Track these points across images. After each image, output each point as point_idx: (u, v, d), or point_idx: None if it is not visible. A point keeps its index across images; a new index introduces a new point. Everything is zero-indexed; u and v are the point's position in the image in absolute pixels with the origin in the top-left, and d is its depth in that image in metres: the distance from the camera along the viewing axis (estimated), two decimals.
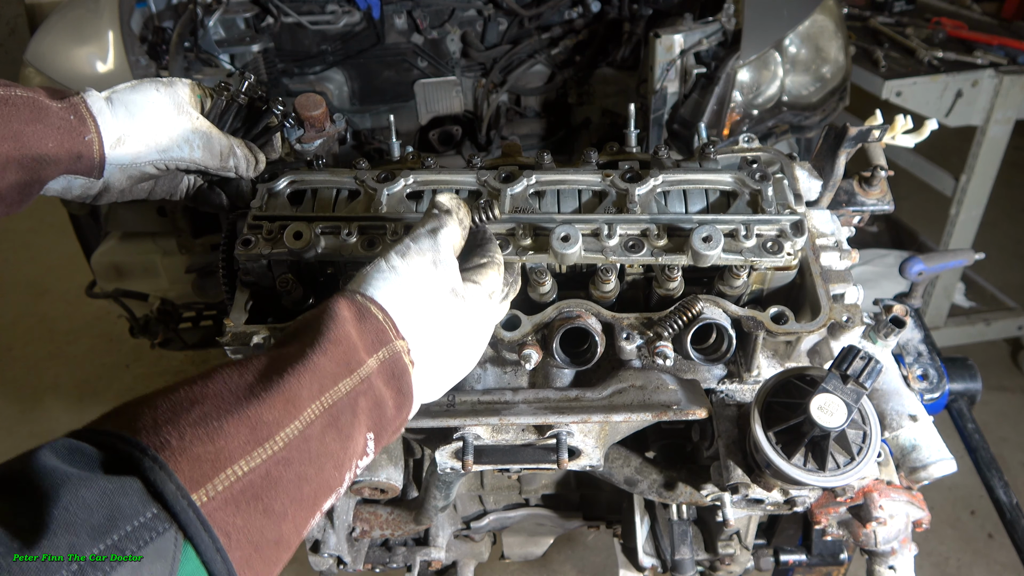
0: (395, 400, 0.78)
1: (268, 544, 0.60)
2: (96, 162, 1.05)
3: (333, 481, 0.69)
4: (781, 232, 1.17)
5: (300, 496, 0.64)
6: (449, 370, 0.90)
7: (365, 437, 0.74)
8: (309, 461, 0.65)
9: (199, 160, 1.15)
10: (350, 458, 0.72)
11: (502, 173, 1.28)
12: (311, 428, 0.66)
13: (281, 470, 0.62)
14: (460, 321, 0.88)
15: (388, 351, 0.78)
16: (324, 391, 0.69)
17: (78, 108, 1.04)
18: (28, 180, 0.99)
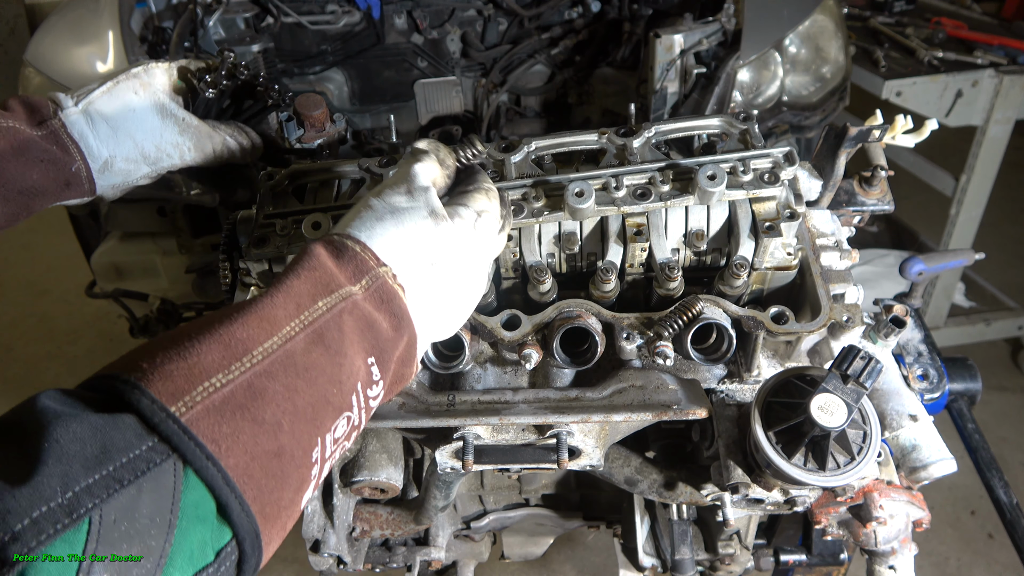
0: (390, 322, 0.76)
1: (266, 455, 0.59)
2: (86, 187, 1.02)
3: (333, 397, 0.67)
4: (775, 163, 1.19)
5: (294, 407, 0.63)
6: (450, 299, 0.87)
7: (365, 361, 0.72)
8: (296, 374, 0.64)
9: (191, 162, 1.11)
10: (350, 378, 0.70)
11: (502, 144, 1.29)
12: (293, 343, 0.65)
13: (265, 381, 0.61)
14: (449, 244, 0.85)
15: (371, 278, 0.76)
16: (302, 309, 0.68)
17: (59, 136, 0.99)
18: (17, 211, 0.96)
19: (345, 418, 0.69)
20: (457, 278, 0.87)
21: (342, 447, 0.71)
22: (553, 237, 1.25)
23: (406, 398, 1.19)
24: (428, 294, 0.83)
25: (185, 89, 1.12)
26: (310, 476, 0.65)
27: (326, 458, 0.67)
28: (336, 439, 0.68)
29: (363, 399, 0.72)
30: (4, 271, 4.80)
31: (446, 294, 0.86)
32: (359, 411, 0.71)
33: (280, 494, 0.61)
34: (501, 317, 1.19)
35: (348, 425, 0.70)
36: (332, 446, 0.68)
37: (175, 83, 1.11)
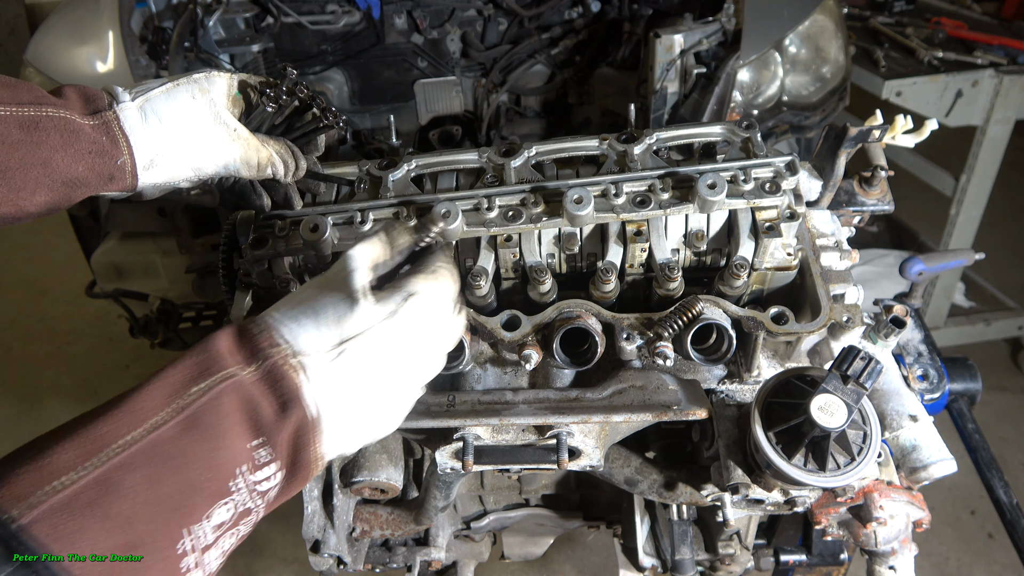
0: (274, 403, 0.73)
1: (118, 547, 0.59)
2: (128, 183, 1.02)
3: (207, 483, 0.66)
4: (776, 173, 1.18)
5: (155, 498, 0.62)
6: (374, 385, 0.82)
7: (248, 444, 0.70)
8: (162, 463, 0.64)
9: (234, 172, 1.10)
10: (227, 463, 0.68)
11: (502, 148, 1.29)
12: (160, 432, 0.65)
13: (122, 475, 0.61)
14: (365, 326, 0.80)
15: (263, 358, 0.74)
16: (174, 397, 0.68)
17: (111, 127, 0.98)
18: (58, 200, 0.97)
19: (227, 505, 0.68)
20: (380, 363, 0.82)
21: (235, 534, 0.69)
22: (553, 238, 1.25)
23: None
24: (341, 378, 0.78)
25: (242, 101, 1.13)
26: (178, 567, 0.64)
27: (206, 546, 0.66)
28: (218, 526, 0.67)
29: (250, 485, 0.70)
30: (4, 271, 4.80)
31: (367, 379, 0.81)
32: (248, 497, 0.70)
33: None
34: (501, 318, 1.19)
35: (233, 511, 0.69)
36: (212, 533, 0.67)
37: (233, 94, 1.11)
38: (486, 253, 1.23)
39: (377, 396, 0.83)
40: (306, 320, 0.79)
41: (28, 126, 0.92)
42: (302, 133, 1.20)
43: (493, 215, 1.19)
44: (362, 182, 1.29)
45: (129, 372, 3.97)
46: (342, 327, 0.79)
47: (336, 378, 0.78)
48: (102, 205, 2.16)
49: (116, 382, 3.91)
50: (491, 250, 1.23)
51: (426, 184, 1.31)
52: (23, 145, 0.91)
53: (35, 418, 3.74)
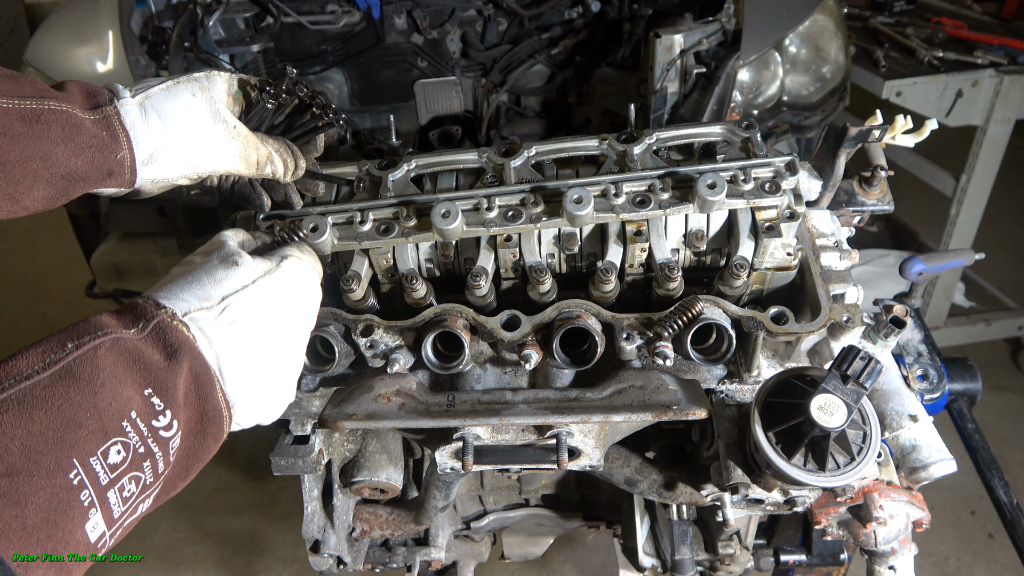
0: (162, 352, 0.76)
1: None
2: (127, 178, 1.02)
3: (87, 421, 0.67)
4: (776, 173, 1.18)
5: (27, 432, 0.63)
6: (264, 341, 0.87)
7: (140, 393, 0.72)
8: (32, 405, 0.65)
9: (233, 170, 1.11)
10: (111, 405, 0.69)
11: (502, 148, 1.29)
12: (32, 382, 0.66)
13: None
14: (245, 283, 0.88)
15: (147, 320, 0.78)
16: (47, 355, 0.69)
17: (111, 122, 1.00)
18: (56, 195, 0.98)
19: (118, 444, 0.68)
20: (266, 313, 0.88)
21: (137, 480, 0.70)
22: (553, 238, 1.25)
23: (406, 399, 1.19)
24: (232, 330, 0.83)
25: (242, 100, 1.14)
26: (74, 499, 0.64)
27: (103, 484, 0.66)
28: (112, 466, 0.67)
29: (144, 430, 0.71)
30: (4, 271, 4.80)
31: (257, 329, 0.86)
32: (143, 441, 0.70)
33: (20, 512, 0.60)
34: (501, 317, 1.19)
35: (128, 453, 0.69)
36: (107, 473, 0.67)
37: (233, 92, 1.12)
38: (486, 253, 1.23)
39: (269, 342, 0.89)
40: (188, 284, 0.85)
41: (29, 119, 0.92)
42: (302, 132, 1.20)
43: (493, 215, 1.19)
44: (361, 182, 1.29)
45: None
46: (223, 286, 0.86)
47: (226, 329, 0.83)
48: (102, 205, 2.16)
49: None
50: (491, 250, 1.23)
51: (426, 184, 1.31)
52: (24, 138, 0.91)
53: None
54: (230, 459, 3.44)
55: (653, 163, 1.26)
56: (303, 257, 1.00)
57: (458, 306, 1.20)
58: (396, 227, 1.21)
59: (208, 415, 0.80)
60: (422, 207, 1.22)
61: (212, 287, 0.86)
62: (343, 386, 1.26)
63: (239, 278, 0.88)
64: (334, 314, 1.22)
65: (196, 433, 0.79)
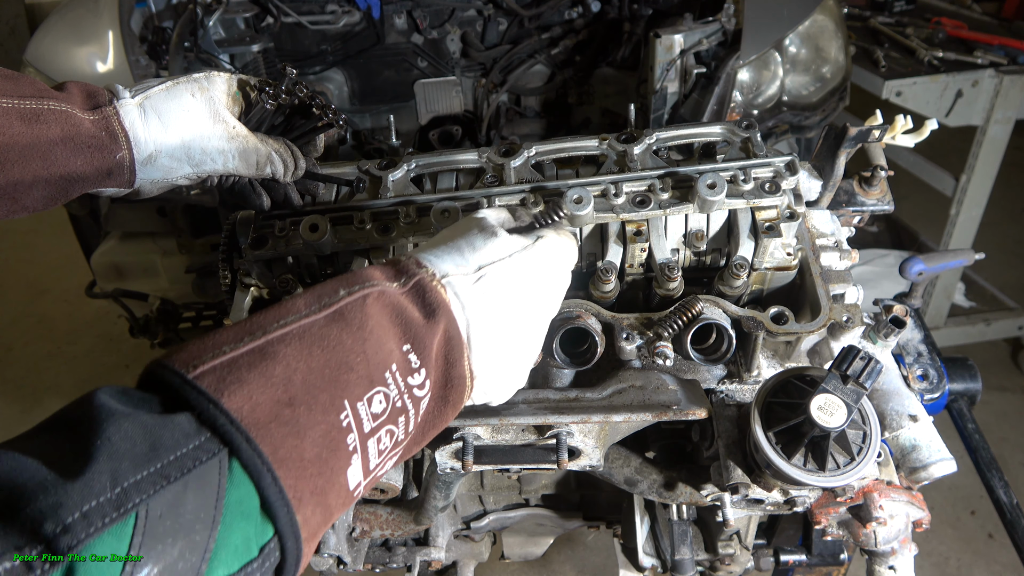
0: (421, 310, 0.77)
1: (276, 403, 0.61)
2: (126, 178, 1.03)
3: (357, 365, 0.68)
4: (776, 173, 1.18)
5: (307, 367, 0.64)
6: (508, 312, 0.86)
7: (400, 347, 0.72)
8: (312, 342, 0.66)
9: (233, 170, 1.11)
10: (377, 354, 0.70)
11: (502, 148, 1.29)
12: (309, 319, 0.67)
13: (276, 346, 0.63)
14: (500, 255, 0.87)
15: (408, 276, 0.79)
16: (323, 298, 0.71)
17: (110, 122, 1.00)
18: (55, 195, 0.98)
19: (381, 394, 0.68)
20: (518, 288, 0.87)
21: (391, 434, 0.70)
22: None
23: None
24: (484, 298, 0.83)
25: (241, 100, 1.14)
26: (343, 440, 0.64)
27: (365, 432, 0.67)
28: (375, 415, 0.68)
29: (402, 385, 0.71)
30: (4, 271, 4.80)
31: (507, 302, 0.85)
32: (400, 396, 0.71)
33: (299, 443, 0.60)
34: None
35: (388, 404, 0.69)
36: (370, 421, 0.67)
37: (232, 93, 1.12)
38: None
39: (517, 319, 0.87)
40: (448, 250, 0.85)
41: (29, 119, 0.92)
42: (301, 132, 1.20)
43: None
44: (361, 182, 1.29)
45: (129, 372, 3.97)
46: (480, 254, 0.86)
47: (480, 297, 0.83)
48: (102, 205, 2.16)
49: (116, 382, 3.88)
50: None
51: (426, 184, 1.31)
52: (23, 137, 0.92)
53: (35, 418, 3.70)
54: None
55: (653, 163, 1.26)
56: (559, 238, 0.96)
57: None
58: (396, 227, 1.21)
59: (453, 381, 0.79)
60: (422, 207, 1.22)
61: (471, 255, 0.85)
62: None
63: (497, 249, 0.87)
64: None
65: (439, 399, 0.78)
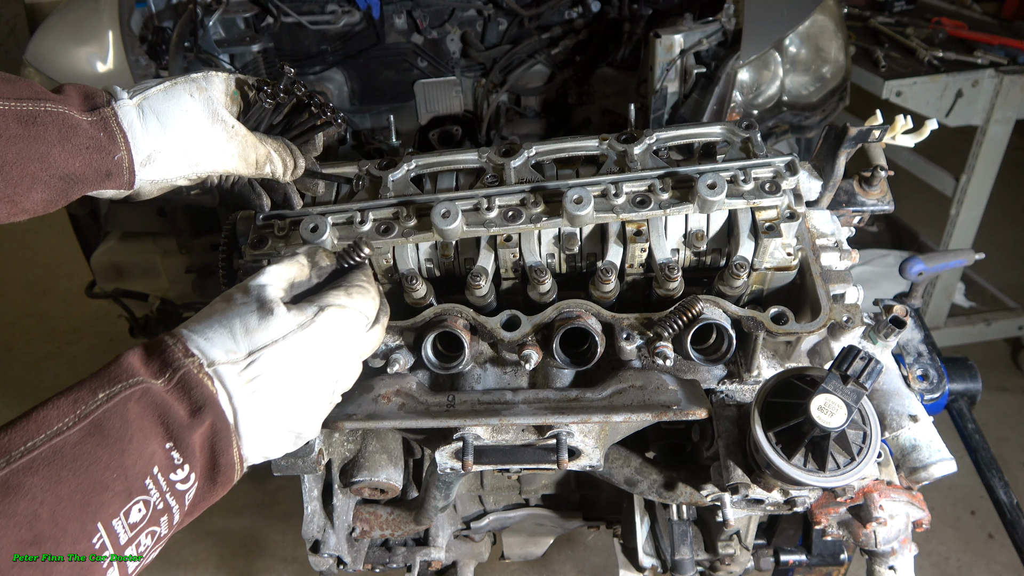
0: (187, 407, 0.77)
1: (23, 544, 0.61)
2: (125, 179, 1.02)
3: (113, 483, 0.68)
4: (776, 173, 1.18)
5: (56, 497, 0.64)
6: (287, 394, 0.86)
7: (163, 446, 0.73)
8: (62, 465, 0.66)
9: (232, 170, 1.11)
10: (137, 463, 0.71)
11: (502, 148, 1.29)
12: (63, 437, 0.68)
13: (22, 478, 0.64)
14: (276, 336, 0.85)
15: (174, 369, 0.78)
16: (79, 405, 0.71)
17: (108, 123, 1.00)
18: (55, 197, 0.98)
19: (140, 503, 0.69)
20: (293, 371, 0.86)
21: (152, 534, 0.71)
22: (553, 238, 1.25)
23: (406, 399, 1.19)
24: (255, 386, 0.82)
25: (240, 100, 1.14)
26: (96, 566, 0.65)
27: (122, 544, 0.68)
28: (132, 525, 0.69)
29: (164, 485, 0.72)
30: (4, 271, 4.80)
31: (280, 387, 0.85)
32: (163, 497, 0.72)
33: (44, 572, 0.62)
34: (501, 317, 1.19)
35: (148, 511, 0.70)
36: (127, 532, 0.68)
37: (231, 92, 1.12)
38: (486, 253, 1.23)
39: (292, 403, 0.87)
40: (219, 332, 0.84)
41: (26, 120, 0.92)
42: (300, 131, 1.20)
43: (493, 215, 1.19)
44: (361, 182, 1.29)
45: None
46: (253, 338, 0.84)
47: (250, 386, 0.82)
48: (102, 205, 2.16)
49: None
50: (491, 250, 1.23)
51: (426, 184, 1.31)
52: (20, 139, 0.91)
53: None
54: None
55: (653, 163, 1.26)
56: (346, 305, 0.94)
57: (458, 306, 1.20)
58: (396, 227, 1.21)
59: (220, 468, 0.80)
60: (422, 207, 1.22)
61: (243, 339, 0.84)
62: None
63: (272, 331, 0.85)
64: None
65: (207, 481, 0.79)
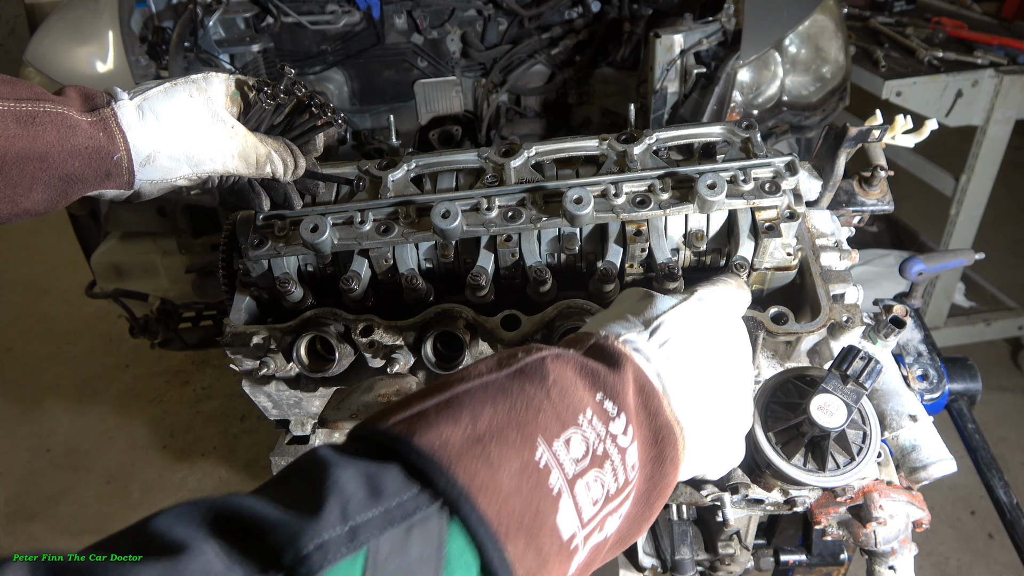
0: (604, 361, 0.73)
1: (466, 437, 0.60)
2: (125, 179, 1.03)
3: (548, 407, 0.65)
4: (776, 173, 1.18)
5: (495, 411, 0.63)
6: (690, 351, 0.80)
7: (591, 395, 0.69)
8: (498, 391, 0.66)
9: (233, 170, 1.11)
10: (570, 403, 0.67)
11: (502, 148, 1.29)
12: (493, 377, 0.67)
13: (463, 397, 0.64)
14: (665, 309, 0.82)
15: (582, 344, 0.76)
16: (502, 362, 0.70)
17: (108, 124, 1.00)
18: (55, 197, 0.98)
19: (578, 436, 0.65)
20: (691, 338, 0.81)
21: (602, 485, 0.65)
22: (553, 238, 1.25)
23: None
24: (661, 351, 0.78)
25: (240, 100, 1.14)
26: (543, 479, 0.62)
27: (568, 474, 0.63)
28: (575, 459, 0.64)
29: (602, 430, 0.67)
30: (4, 271, 4.80)
31: (685, 353, 0.79)
32: (601, 442, 0.66)
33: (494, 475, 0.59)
34: (501, 317, 1.19)
35: (588, 448, 0.65)
36: (572, 464, 0.63)
37: (231, 93, 1.12)
38: (486, 253, 1.23)
39: (705, 366, 0.81)
40: (612, 319, 0.82)
41: (25, 121, 0.93)
42: (301, 132, 1.20)
43: (493, 215, 1.19)
44: (361, 181, 1.29)
45: (129, 372, 3.97)
46: (645, 313, 0.82)
47: (659, 348, 0.78)
48: (102, 205, 2.16)
49: (116, 382, 3.92)
50: (491, 250, 1.23)
51: (426, 184, 1.31)
52: (19, 140, 0.92)
53: (35, 418, 3.74)
54: (230, 459, 3.45)
55: (653, 163, 1.26)
56: (719, 287, 0.91)
57: (458, 306, 1.20)
58: (396, 227, 1.21)
59: (661, 433, 0.73)
60: (422, 207, 1.22)
61: (635, 316, 0.82)
62: (343, 386, 1.26)
63: (659, 305, 0.83)
64: (334, 314, 1.22)
65: (653, 459, 0.72)
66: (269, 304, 1.29)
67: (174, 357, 3.98)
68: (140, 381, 3.91)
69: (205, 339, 2.40)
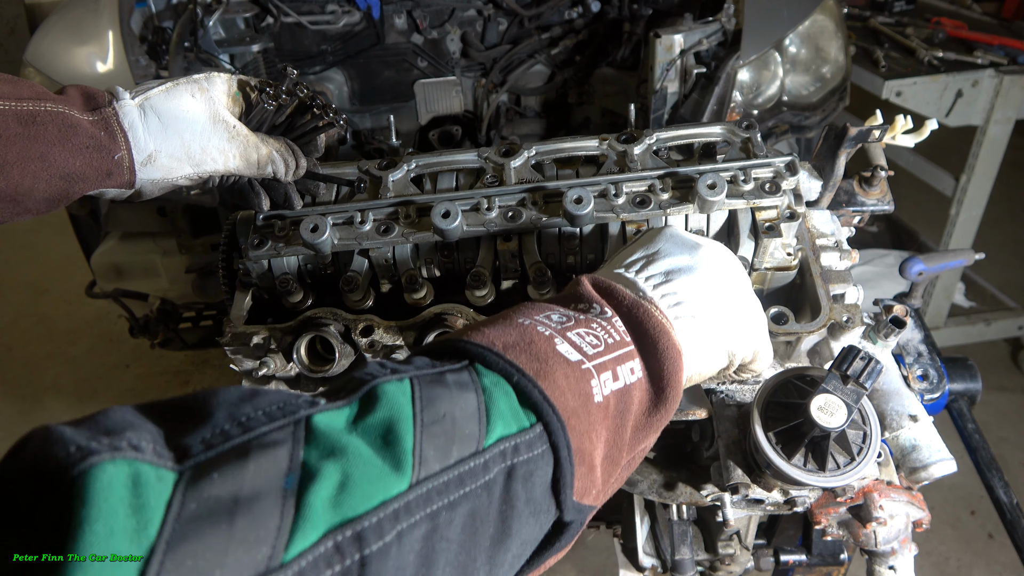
0: (588, 302, 0.82)
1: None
2: (126, 179, 1.03)
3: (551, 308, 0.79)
4: (776, 173, 1.18)
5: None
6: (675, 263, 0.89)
7: (567, 305, 0.81)
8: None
9: (234, 170, 1.11)
10: (546, 309, 0.79)
11: (502, 148, 1.29)
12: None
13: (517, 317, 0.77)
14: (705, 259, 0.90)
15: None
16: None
17: (109, 123, 1.00)
18: (56, 196, 0.98)
19: (556, 314, 0.77)
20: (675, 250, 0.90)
21: (591, 333, 0.75)
22: (553, 238, 1.25)
23: None
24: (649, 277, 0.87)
25: (242, 100, 1.14)
26: (535, 330, 0.73)
27: (555, 329, 0.74)
28: (560, 323, 0.76)
29: (581, 313, 0.79)
30: (4, 271, 4.80)
31: (680, 265, 0.88)
32: (579, 313, 0.78)
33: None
34: None
35: (567, 318, 0.77)
36: (557, 325, 0.75)
37: (232, 93, 1.12)
38: (486, 253, 1.23)
39: (694, 267, 0.89)
40: (623, 260, 0.91)
41: (26, 120, 0.93)
42: (302, 132, 1.20)
43: (493, 215, 1.19)
44: (362, 182, 1.29)
45: (129, 372, 3.97)
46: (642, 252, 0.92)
47: (649, 281, 0.87)
48: (102, 205, 2.16)
49: (116, 382, 3.91)
50: (491, 250, 1.23)
51: (426, 184, 1.31)
52: (20, 139, 0.92)
53: (35, 418, 3.73)
54: None
55: (653, 163, 1.26)
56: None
57: (458, 306, 1.20)
58: (396, 227, 1.21)
59: (634, 311, 0.81)
60: (422, 207, 1.22)
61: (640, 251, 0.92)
62: None
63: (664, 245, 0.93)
64: (334, 314, 1.22)
65: (635, 327, 0.80)
66: (269, 304, 1.29)
67: (174, 357, 3.97)
68: (140, 381, 3.91)
69: (205, 339, 2.40)
